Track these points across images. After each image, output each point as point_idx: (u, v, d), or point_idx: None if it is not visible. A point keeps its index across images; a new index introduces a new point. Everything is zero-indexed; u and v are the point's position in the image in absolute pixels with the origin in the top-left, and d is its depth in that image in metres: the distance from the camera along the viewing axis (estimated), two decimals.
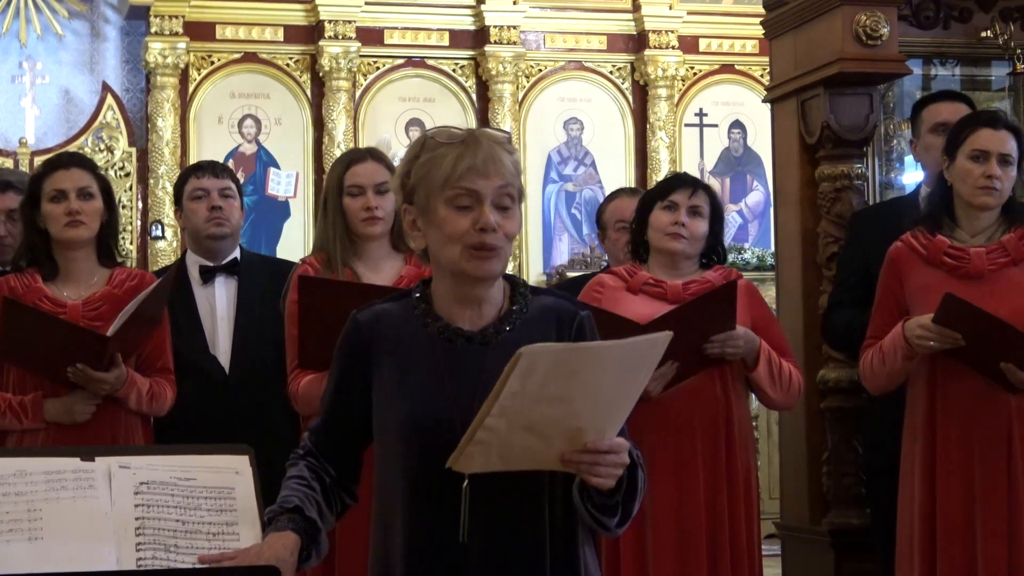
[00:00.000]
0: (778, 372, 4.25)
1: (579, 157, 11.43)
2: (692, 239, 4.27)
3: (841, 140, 5.01)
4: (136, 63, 10.87)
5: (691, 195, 4.27)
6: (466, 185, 2.53)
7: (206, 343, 4.64)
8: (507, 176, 2.56)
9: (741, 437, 4.26)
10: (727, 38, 11.59)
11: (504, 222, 2.55)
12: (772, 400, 4.32)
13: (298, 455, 2.75)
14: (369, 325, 2.67)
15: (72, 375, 4.00)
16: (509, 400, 2.31)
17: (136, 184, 10.61)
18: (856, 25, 4.92)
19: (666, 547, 4.14)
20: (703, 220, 4.28)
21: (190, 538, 2.60)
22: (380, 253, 4.19)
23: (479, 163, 2.54)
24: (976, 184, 4.06)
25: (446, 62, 11.21)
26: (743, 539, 4.20)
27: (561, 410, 2.37)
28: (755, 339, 4.21)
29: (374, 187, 4.14)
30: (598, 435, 2.42)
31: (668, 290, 4.24)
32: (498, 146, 2.57)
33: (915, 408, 4.11)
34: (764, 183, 11.28)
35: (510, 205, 2.57)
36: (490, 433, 2.36)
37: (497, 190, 2.55)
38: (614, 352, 2.38)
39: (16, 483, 2.62)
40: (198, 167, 4.89)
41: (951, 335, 3.92)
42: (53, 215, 4.14)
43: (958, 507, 3.98)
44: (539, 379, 2.31)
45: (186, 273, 4.74)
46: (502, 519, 2.54)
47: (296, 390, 4.04)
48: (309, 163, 10.79)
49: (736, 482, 4.21)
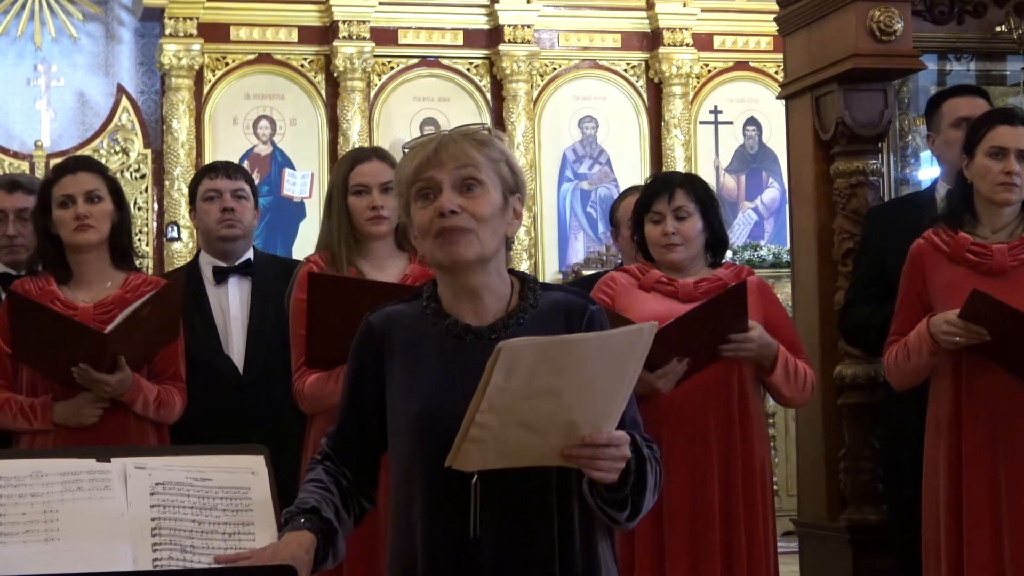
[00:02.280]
0: (793, 373, 4.25)
1: (594, 155, 11.43)
2: (686, 243, 4.26)
3: (856, 136, 5.01)
4: (151, 65, 10.89)
5: (670, 200, 4.26)
6: (422, 175, 2.59)
7: (220, 344, 4.64)
8: (464, 159, 2.58)
9: (756, 432, 4.26)
10: (741, 35, 11.58)
11: (469, 203, 2.57)
12: (786, 399, 4.32)
13: (316, 460, 2.76)
14: (381, 327, 2.68)
15: (76, 375, 4.01)
16: (496, 396, 2.32)
17: (152, 186, 10.63)
18: (870, 21, 4.91)
19: (680, 542, 4.13)
20: (692, 218, 4.26)
21: (206, 538, 2.61)
22: (385, 252, 4.19)
23: (431, 154, 2.59)
24: (995, 181, 4.07)
25: (460, 61, 11.22)
26: (759, 534, 4.19)
27: (553, 404, 2.37)
28: (771, 342, 4.20)
29: (379, 186, 4.14)
30: (593, 428, 2.42)
31: (680, 288, 4.24)
32: (461, 137, 2.61)
33: (939, 403, 4.11)
34: (779, 180, 11.27)
35: (475, 186, 2.58)
36: (483, 430, 2.36)
37: (454, 173, 2.58)
38: (598, 343, 2.38)
39: (32, 484, 2.63)
40: (211, 168, 4.89)
41: (977, 330, 3.92)
42: (62, 220, 4.15)
43: (984, 502, 3.98)
44: (524, 373, 2.31)
45: (200, 274, 4.75)
46: (512, 513, 2.54)
47: (302, 389, 4.02)
48: (324, 163, 10.80)
49: (752, 477, 4.20)
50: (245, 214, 4.74)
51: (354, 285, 3.97)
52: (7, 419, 4.11)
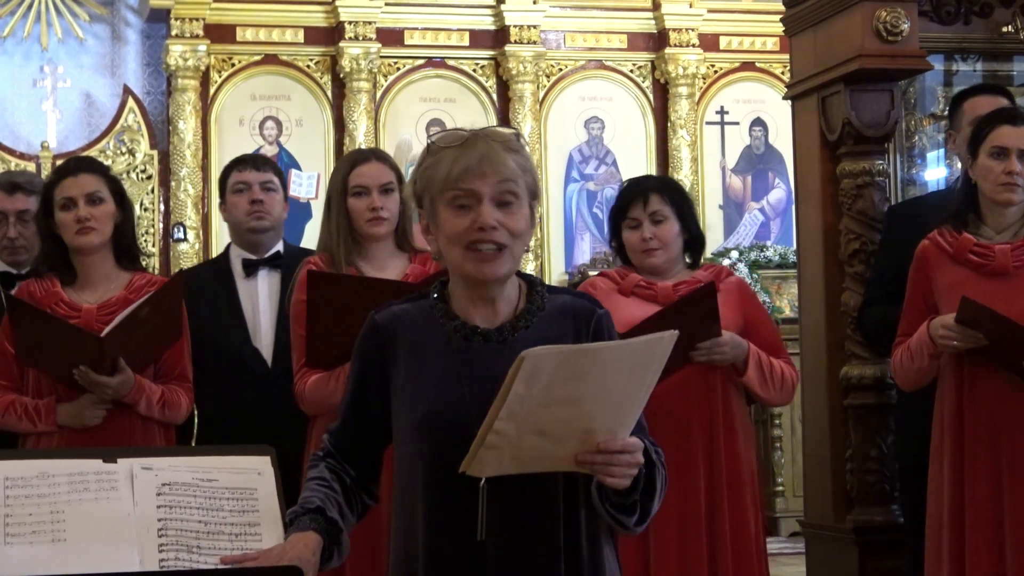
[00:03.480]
0: (769, 373, 4.27)
1: (600, 156, 11.42)
2: (665, 246, 4.28)
3: (862, 137, 5.00)
4: (157, 66, 10.90)
5: (645, 205, 4.27)
6: (463, 186, 2.54)
7: (248, 335, 4.66)
8: (506, 173, 2.55)
9: (740, 432, 4.28)
10: (747, 36, 11.57)
11: (507, 219, 2.55)
12: (763, 399, 4.35)
13: (318, 456, 2.76)
14: (387, 326, 2.67)
15: (77, 377, 4.02)
16: (516, 404, 2.31)
17: (158, 187, 10.64)
18: (876, 21, 4.90)
19: (667, 545, 4.15)
20: (668, 221, 4.28)
21: (212, 539, 2.61)
22: (384, 253, 4.19)
23: (474, 163, 2.54)
24: (997, 181, 4.08)
25: (466, 62, 11.21)
26: (746, 534, 4.21)
27: (570, 412, 2.36)
28: (742, 344, 4.23)
29: (379, 187, 4.15)
30: (609, 435, 2.42)
31: (659, 292, 4.27)
32: (499, 144, 2.57)
33: (943, 404, 4.13)
34: (786, 180, 11.26)
35: (512, 201, 2.56)
36: (500, 437, 2.36)
37: (496, 187, 2.55)
38: (619, 352, 2.38)
39: (39, 485, 2.63)
40: (240, 160, 4.90)
41: (973, 335, 3.95)
42: (64, 223, 4.15)
43: (986, 503, 4.00)
44: (545, 382, 2.31)
45: (229, 266, 4.77)
46: (519, 518, 2.54)
47: (303, 390, 4.02)
48: (330, 164, 10.78)
49: (738, 478, 4.22)
50: (274, 206, 4.77)
51: (353, 282, 3.97)
52: (12, 421, 4.12)
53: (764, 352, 4.30)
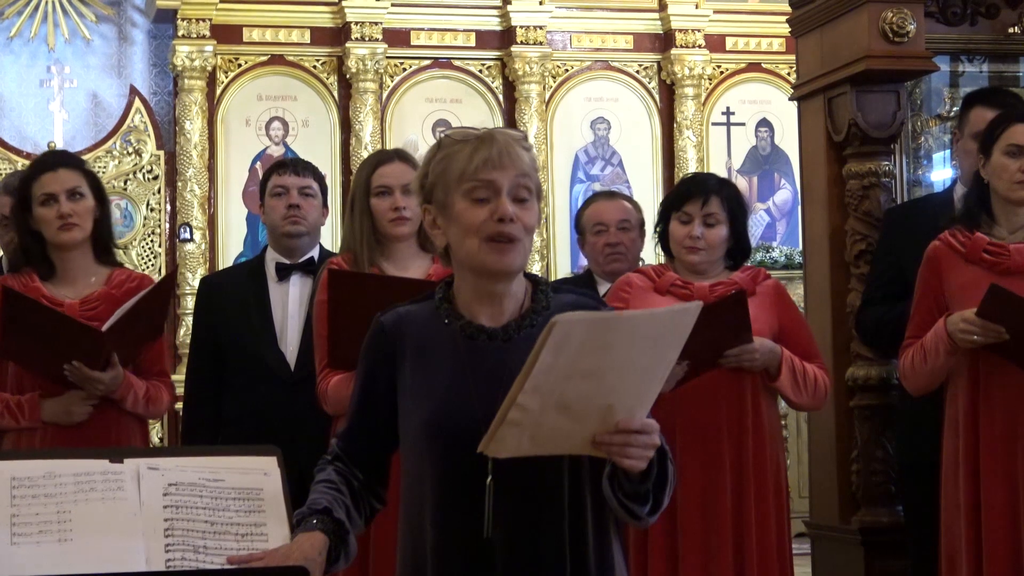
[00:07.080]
0: (802, 378, 4.24)
1: (606, 157, 11.42)
2: (709, 248, 4.26)
3: (868, 138, 5.00)
4: (163, 66, 10.90)
5: (703, 205, 4.25)
6: (483, 177, 2.56)
7: (275, 338, 4.68)
8: (523, 168, 2.58)
9: (769, 437, 4.25)
10: (753, 36, 11.56)
11: (522, 214, 2.58)
12: (795, 404, 4.33)
13: (326, 460, 2.76)
14: (392, 327, 2.68)
15: (69, 373, 4.01)
16: (542, 375, 2.31)
17: (164, 187, 10.63)
18: (882, 22, 4.90)
19: (693, 548, 4.14)
20: (720, 226, 4.25)
21: (219, 539, 2.61)
22: (408, 253, 4.20)
23: (494, 155, 2.57)
24: (1012, 179, 4.07)
25: (473, 63, 11.20)
26: (772, 540, 4.19)
27: (593, 386, 2.36)
28: (775, 349, 4.20)
29: (402, 188, 4.15)
30: (628, 414, 2.41)
31: (695, 291, 4.23)
32: (514, 142, 2.60)
33: (956, 404, 4.10)
34: (792, 181, 11.25)
35: (527, 197, 2.59)
36: (523, 413, 2.35)
37: (514, 181, 2.57)
38: (647, 321, 2.39)
39: (46, 485, 2.64)
40: (280, 164, 4.93)
41: (994, 328, 3.92)
42: (45, 219, 4.13)
43: (1003, 504, 3.98)
44: (573, 351, 2.30)
45: (263, 268, 4.78)
46: (525, 516, 2.55)
47: (325, 390, 4.04)
48: (336, 165, 10.80)
49: (764, 481, 4.20)
50: (311, 211, 4.78)
51: (375, 281, 3.98)
52: None
53: (798, 357, 4.29)
